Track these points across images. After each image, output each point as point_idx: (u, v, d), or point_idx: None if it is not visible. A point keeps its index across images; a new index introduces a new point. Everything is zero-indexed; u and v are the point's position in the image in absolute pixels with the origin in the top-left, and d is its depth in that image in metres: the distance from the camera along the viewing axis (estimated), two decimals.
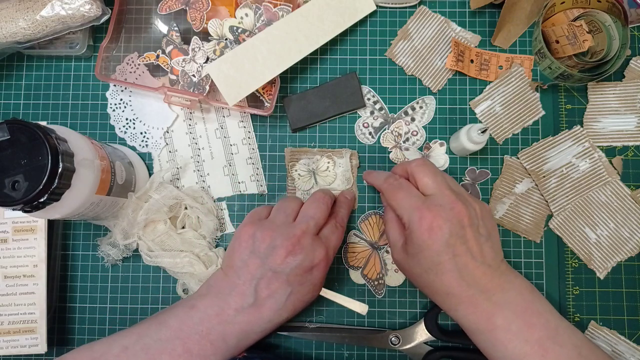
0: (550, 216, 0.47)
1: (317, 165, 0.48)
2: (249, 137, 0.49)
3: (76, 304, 0.47)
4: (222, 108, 0.49)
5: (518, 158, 0.48)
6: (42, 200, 0.33)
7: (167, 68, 0.48)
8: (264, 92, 0.48)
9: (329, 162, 0.48)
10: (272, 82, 0.47)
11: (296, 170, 0.48)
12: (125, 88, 0.49)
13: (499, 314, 0.35)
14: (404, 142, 0.48)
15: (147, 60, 0.48)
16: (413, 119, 0.49)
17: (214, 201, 0.48)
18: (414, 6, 0.50)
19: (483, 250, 0.36)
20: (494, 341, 0.35)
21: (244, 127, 0.49)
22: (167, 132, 0.49)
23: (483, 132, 0.42)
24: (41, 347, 0.43)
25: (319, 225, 0.40)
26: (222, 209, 0.48)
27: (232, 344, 0.37)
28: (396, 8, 0.50)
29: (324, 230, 0.41)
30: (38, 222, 0.44)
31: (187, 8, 0.48)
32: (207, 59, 0.48)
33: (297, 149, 0.48)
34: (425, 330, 0.45)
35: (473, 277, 0.35)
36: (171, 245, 0.45)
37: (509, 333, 0.35)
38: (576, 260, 0.47)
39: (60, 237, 0.48)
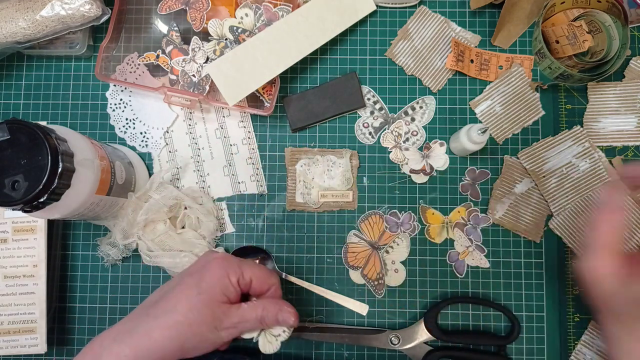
0: (550, 216, 0.47)
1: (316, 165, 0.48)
2: (249, 137, 0.49)
3: (76, 304, 0.47)
4: (222, 108, 0.49)
5: (518, 158, 0.48)
6: (42, 200, 0.33)
7: (167, 68, 0.48)
8: (264, 92, 0.48)
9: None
10: (272, 82, 0.47)
11: (296, 170, 0.48)
12: (125, 88, 0.49)
13: None
14: (404, 142, 0.48)
15: (147, 60, 0.48)
16: (413, 119, 0.49)
17: (214, 201, 0.48)
18: (414, 6, 0.50)
19: None
20: None
21: (244, 127, 0.49)
22: (167, 132, 0.49)
23: (483, 132, 0.42)
24: (41, 347, 0.43)
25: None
26: (222, 209, 0.48)
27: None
28: (396, 8, 0.50)
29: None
30: (38, 222, 0.44)
31: (187, 8, 0.48)
32: (207, 59, 0.48)
33: (297, 149, 0.48)
34: (425, 330, 0.45)
35: None
36: (171, 246, 0.45)
37: None
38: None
39: (60, 237, 0.48)
